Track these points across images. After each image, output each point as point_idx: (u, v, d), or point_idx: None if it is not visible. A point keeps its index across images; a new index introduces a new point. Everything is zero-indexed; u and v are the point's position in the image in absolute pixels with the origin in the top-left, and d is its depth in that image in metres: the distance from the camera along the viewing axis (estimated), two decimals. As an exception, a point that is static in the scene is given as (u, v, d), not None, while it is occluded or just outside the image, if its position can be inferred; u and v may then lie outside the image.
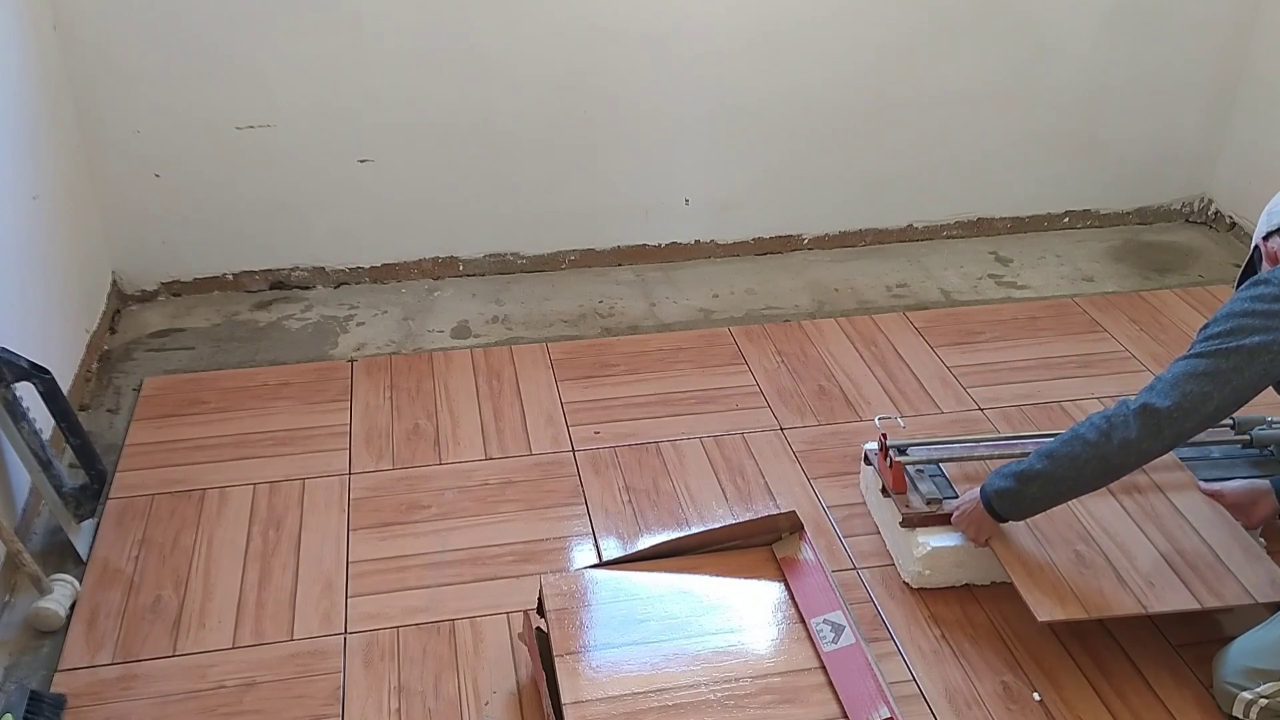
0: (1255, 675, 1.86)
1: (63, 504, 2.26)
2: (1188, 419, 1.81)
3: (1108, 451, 1.86)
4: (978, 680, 2.03)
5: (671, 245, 3.42)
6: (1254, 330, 1.78)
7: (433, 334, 3.06)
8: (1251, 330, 1.78)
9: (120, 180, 3.02)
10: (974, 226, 3.59)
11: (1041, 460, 1.94)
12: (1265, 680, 1.85)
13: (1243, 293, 1.83)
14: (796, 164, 3.38)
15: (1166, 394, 1.82)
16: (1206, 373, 1.79)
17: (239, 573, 2.25)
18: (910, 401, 2.79)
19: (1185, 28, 3.40)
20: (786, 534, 2.12)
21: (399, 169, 3.15)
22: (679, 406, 2.76)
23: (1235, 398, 1.81)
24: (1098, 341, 3.05)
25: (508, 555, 2.30)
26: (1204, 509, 2.18)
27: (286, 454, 2.58)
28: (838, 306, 3.21)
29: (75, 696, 1.97)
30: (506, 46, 3.04)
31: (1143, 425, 1.83)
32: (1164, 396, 1.82)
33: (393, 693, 2.00)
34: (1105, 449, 1.86)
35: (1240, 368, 1.78)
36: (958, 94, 3.36)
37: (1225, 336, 1.80)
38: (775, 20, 3.14)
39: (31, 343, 2.36)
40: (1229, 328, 1.80)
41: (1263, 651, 1.88)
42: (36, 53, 2.70)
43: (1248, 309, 1.80)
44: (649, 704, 1.80)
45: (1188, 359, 1.83)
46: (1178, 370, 1.83)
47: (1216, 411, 1.81)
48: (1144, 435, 1.83)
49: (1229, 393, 1.80)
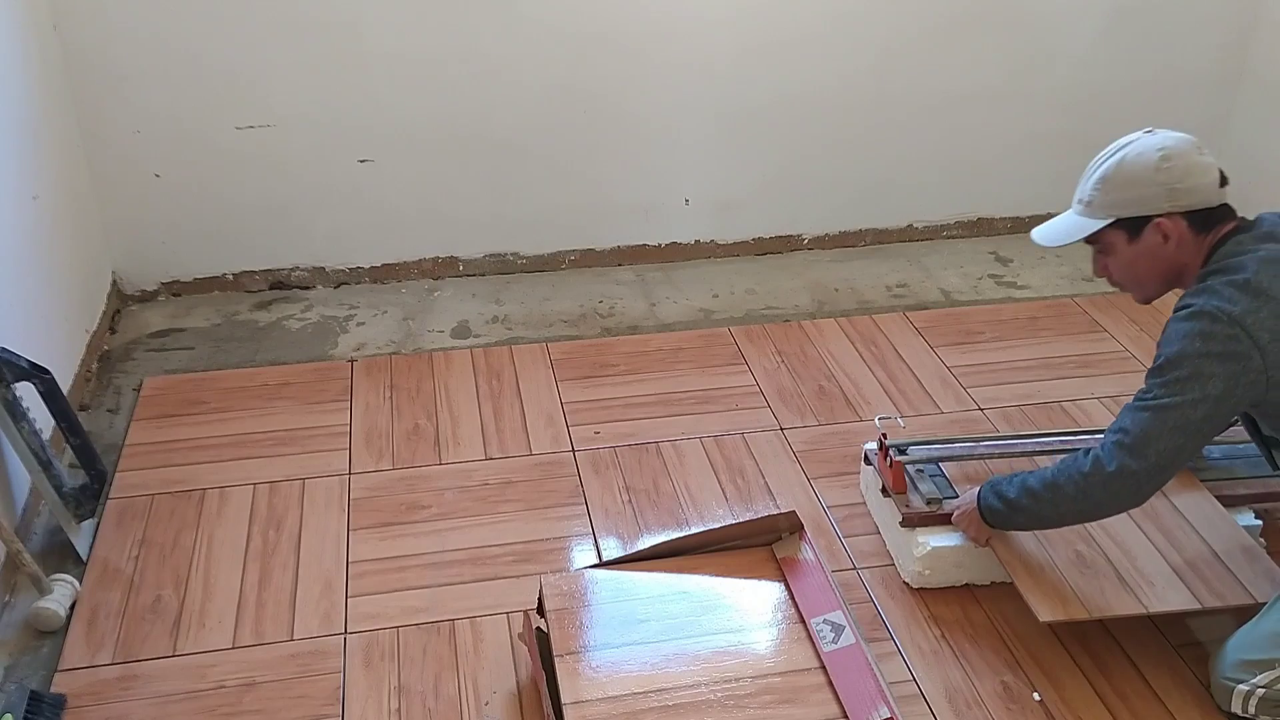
0: (1250, 667, 1.87)
1: (63, 504, 2.26)
2: (1165, 472, 1.84)
3: (1087, 508, 1.94)
4: (978, 680, 2.03)
5: (671, 245, 3.42)
6: (1214, 376, 1.75)
7: (433, 334, 3.06)
8: (1212, 376, 1.75)
9: (120, 180, 3.02)
10: (974, 226, 3.59)
11: (1026, 497, 1.97)
12: (1261, 670, 1.86)
13: (1190, 327, 1.77)
14: (797, 164, 3.38)
15: (1140, 451, 1.81)
16: (1178, 427, 1.78)
17: (239, 573, 2.25)
18: (910, 401, 2.79)
19: (1185, 28, 3.40)
20: (786, 534, 2.12)
21: (399, 169, 3.15)
22: (679, 406, 2.76)
23: (1206, 440, 1.85)
24: (1098, 341, 3.05)
25: (508, 555, 2.30)
26: (1204, 509, 2.18)
27: (286, 454, 2.58)
28: (838, 306, 3.21)
29: (75, 696, 1.97)
30: (507, 47, 3.04)
31: (1123, 486, 1.85)
32: (1138, 455, 1.81)
33: (393, 693, 2.00)
34: (1084, 505, 1.92)
35: (1209, 416, 1.78)
36: (958, 94, 3.36)
37: (1187, 383, 1.76)
38: (775, 21, 3.14)
39: (31, 343, 2.36)
40: (1189, 373, 1.76)
41: (1255, 643, 1.88)
42: (36, 53, 2.70)
43: (1202, 349, 1.75)
44: (649, 704, 1.80)
45: (1154, 408, 1.80)
46: (1146, 422, 1.81)
47: (1192, 455, 1.85)
48: (1124, 494, 1.87)
49: (1201, 440, 1.83)
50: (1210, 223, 1.86)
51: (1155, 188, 1.84)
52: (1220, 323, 1.75)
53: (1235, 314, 1.74)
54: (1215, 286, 1.79)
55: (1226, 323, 1.75)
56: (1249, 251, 1.80)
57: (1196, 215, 1.85)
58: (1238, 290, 1.76)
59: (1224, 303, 1.76)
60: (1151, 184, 1.84)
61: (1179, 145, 1.84)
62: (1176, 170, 1.83)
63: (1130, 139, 1.90)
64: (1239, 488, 2.28)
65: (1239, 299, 1.75)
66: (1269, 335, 1.74)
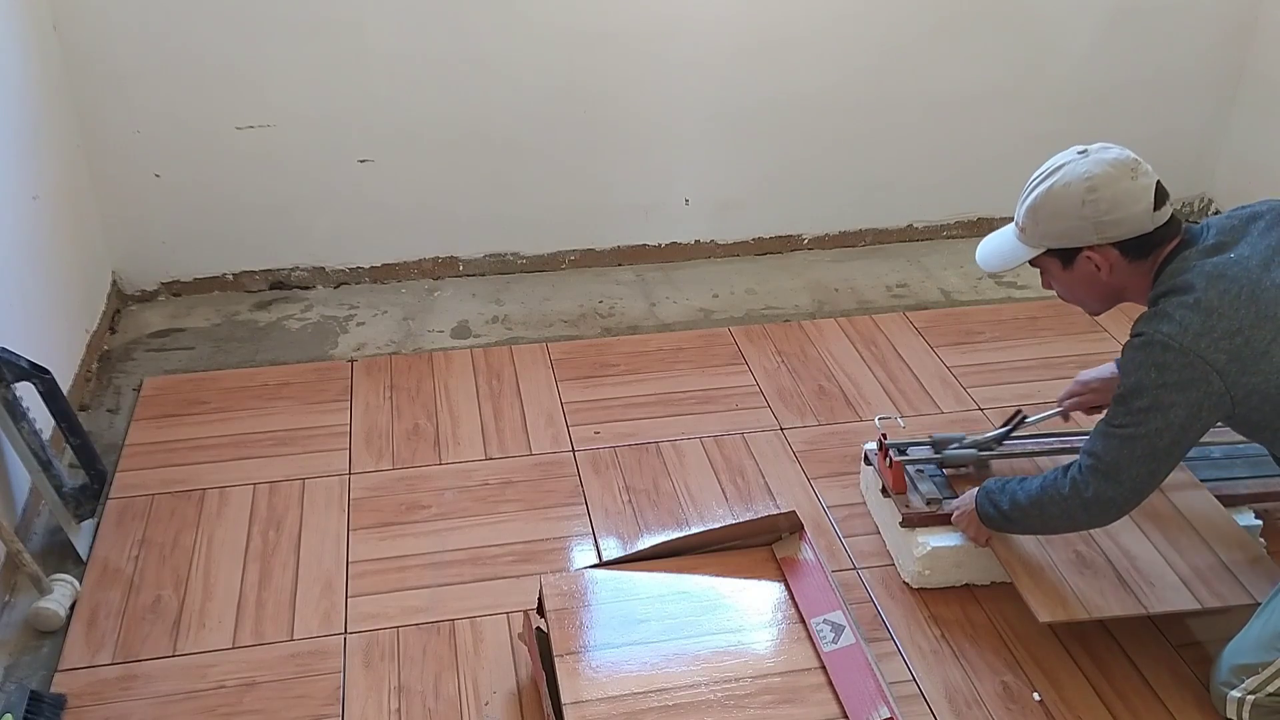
0: (1241, 672, 1.87)
1: (63, 504, 2.26)
2: (1142, 494, 1.87)
3: (1074, 525, 2.00)
4: (978, 680, 2.03)
5: (671, 245, 3.42)
6: (1174, 405, 1.74)
7: (433, 334, 3.06)
8: (1172, 405, 1.74)
9: (120, 180, 3.02)
10: (974, 226, 3.59)
11: (1015, 511, 2.00)
12: (1249, 675, 1.86)
13: (1144, 358, 1.76)
14: (796, 164, 3.38)
15: (1115, 477, 1.83)
16: (1146, 454, 1.80)
17: (239, 573, 2.25)
18: (910, 401, 2.79)
19: (1185, 28, 3.40)
20: (786, 534, 2.12)
21: (399, 169, 3.15)
22: (679, 406, 2.76)
23: (1179, 458, 1.84)
24: (1098, 341, 3.04)
25: (508, 555, 2.30)
26: (1204, 509, 2.18)
27: (286, 454, 2.58)
28: (838, 306, 3.21)
29: (75, 696, 1.97)
30: (507, 47, 3.04)
31: (1104, 509, 1.89)
32: (1113, 483, 1.84)
33: (393, 693, 2.00)
34: (1070, 525, 2.00)
35: (1178, 440, 1.79)
36: (958, 94, 3.36)
37: (1149, 413, 1.76)
38: (776, 20, 3.14)
39: (31, 343, 2.36)
40: (1148, 404, 1.75)
41: (1245, 648, 1.89)
42: (36, 53, 2.70)
43: (1159, 380, 1.74)
44: (649, 704, 1.80)
45: (1121, 440, 1.81)
46: (1115, 451, 1.82)
47: (1168, 473, 1.85)
48: (1108, 516, 1.92)
49: (1173, 460, 1.83)
50: (1147, 248, 1.82)
51: (1081, 221, 1.80)
52: (1172, 351, 1.72)
53: (1186, 342, 1.71)
54: (1166, 310, 1.75)
55: (1178, 351, 1.72)
56: (1195, 268, 1.76)
57: (1129, 244, 1.81)
58: (1189, 311, 1.72)
59: (1175, 328, 1.72)
60: (1077, 217, 1.80)
61: (1108, 173, 1.78)
62: (1103, 203, 1.78)
63: (1062, 161, 1.85)
64: (1239, 488, 2.28)
65: (1191, 320, 1.71)
66: (1226, 355, 1.71)
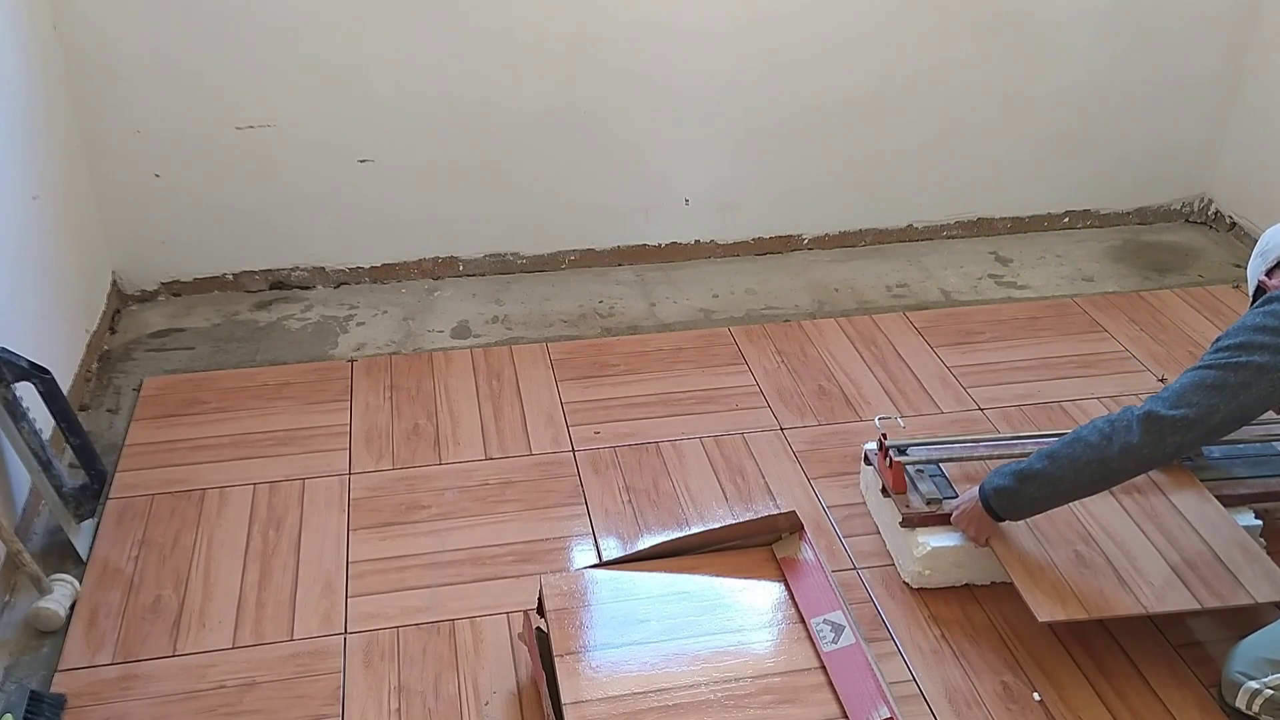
0: (1266, 665, 1.86)
1: (63, 504, 2.26)
2: (1192, 429, 1.82)
3: (1108, 455, 1.88)
4: (978, 680, 2.03)
5: (671, 245, 3.42)
6: (1264, 347, 1.79)
7: (433, 334, 3.06)
8: (1261, 347, 1.79)
9: (120, 180, 3.02)
10: (974, 226, 3.59)
11: (1041, 460, 1.95)
12: (1275, 670, 1.85)
13: (1258, 307, 1.85)
14: (796, 164, 3.38)
15: (1173, 403, 1.83)
16: (1214, 385, 1.81)
17: (239, 573, 2.25)
18: (910, 401, 2.79)
19: (1185, 28, 3.40)
20: (786, 534, 2.12)
21: (399, 169, 3.15)
22: (679, 406, 2.76)
23: (1241, 413, 1.82)
24: (1098, 341, 3.05)
25: (508, 555, 2.30)
26: (1204, 509, 2.18)
27: (286, 454, 2.58)
28: (838, 306, 3.21)
29: (75, 696, 1.97)
30: (507, 46, 3.04)
31: (1146, 431, 1.84)
32: (1170, 405, 1.83)
33: (393, 693, 2.00)
34: (1106, 452, 1.87)
35: (1248, 383, 1.79)
36: (957, 94, 3.37)
37: (1235, 350, 1.81)
38: (776, 20, 3.14)
39: (31, 343, 2.36)
40: (1239, 342, 1.81)
41: (1273, 642, 1.87)
42: (36, 53, 2.70)
43: (1260, 324, 1.81)
44: (649, 704, 1.80)
45: (1197, 370, 1.85)
46: (1186, 381, 1.85)
47: (1222, 424, 1.82)
48: (1146, 441, 1.84)
49: (1235, 407, 1.81)
50: None
51: None
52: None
53: None
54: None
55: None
56: None
57: None
58: None
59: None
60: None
61: None
62: None
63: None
64: (1239, 488, 2.28)
65: None
66: None
